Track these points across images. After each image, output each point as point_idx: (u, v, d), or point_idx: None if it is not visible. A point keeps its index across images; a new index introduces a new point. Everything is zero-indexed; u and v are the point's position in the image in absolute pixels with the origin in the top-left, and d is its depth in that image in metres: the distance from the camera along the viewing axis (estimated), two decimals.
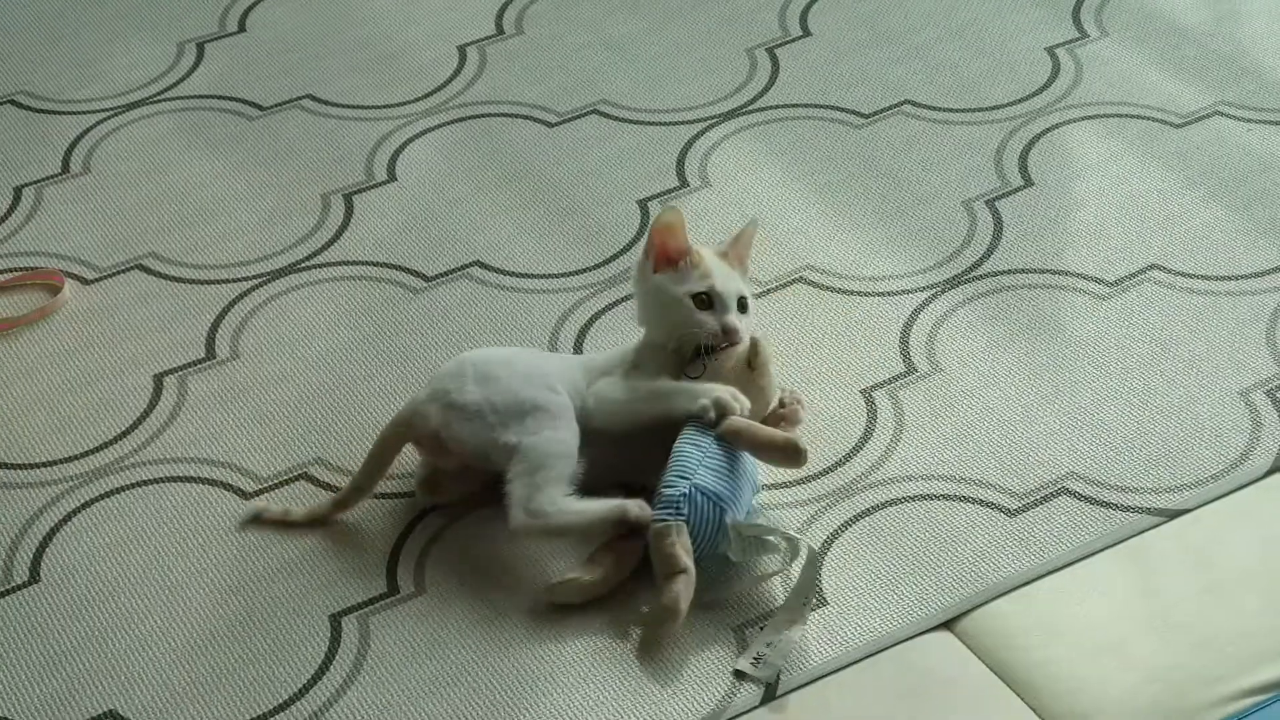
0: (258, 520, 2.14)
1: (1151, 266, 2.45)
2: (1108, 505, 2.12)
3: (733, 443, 2.06)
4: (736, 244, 2.19)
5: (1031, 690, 1.94)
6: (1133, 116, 2.72)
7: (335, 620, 2.04)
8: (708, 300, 2.11)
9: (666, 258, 2.13)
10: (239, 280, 2.50)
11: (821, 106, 2.77)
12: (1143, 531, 2.10)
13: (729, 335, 2.11)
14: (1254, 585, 2.03)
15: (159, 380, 2.36)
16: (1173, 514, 2.12)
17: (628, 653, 1.99)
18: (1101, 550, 2.08)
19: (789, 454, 2.05)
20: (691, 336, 2.11)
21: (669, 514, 2.01)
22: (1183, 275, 2.43)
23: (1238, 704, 1.90)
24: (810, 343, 2.36)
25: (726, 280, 2.13)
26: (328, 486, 2.18)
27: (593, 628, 2.02)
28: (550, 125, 2.77)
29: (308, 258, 2.54)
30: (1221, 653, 1.95)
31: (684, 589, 1.97)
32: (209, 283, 2.50)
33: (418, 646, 2.01)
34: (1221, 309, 2.38)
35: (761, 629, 1.99)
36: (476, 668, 1.98)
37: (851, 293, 2.44)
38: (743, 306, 2.14)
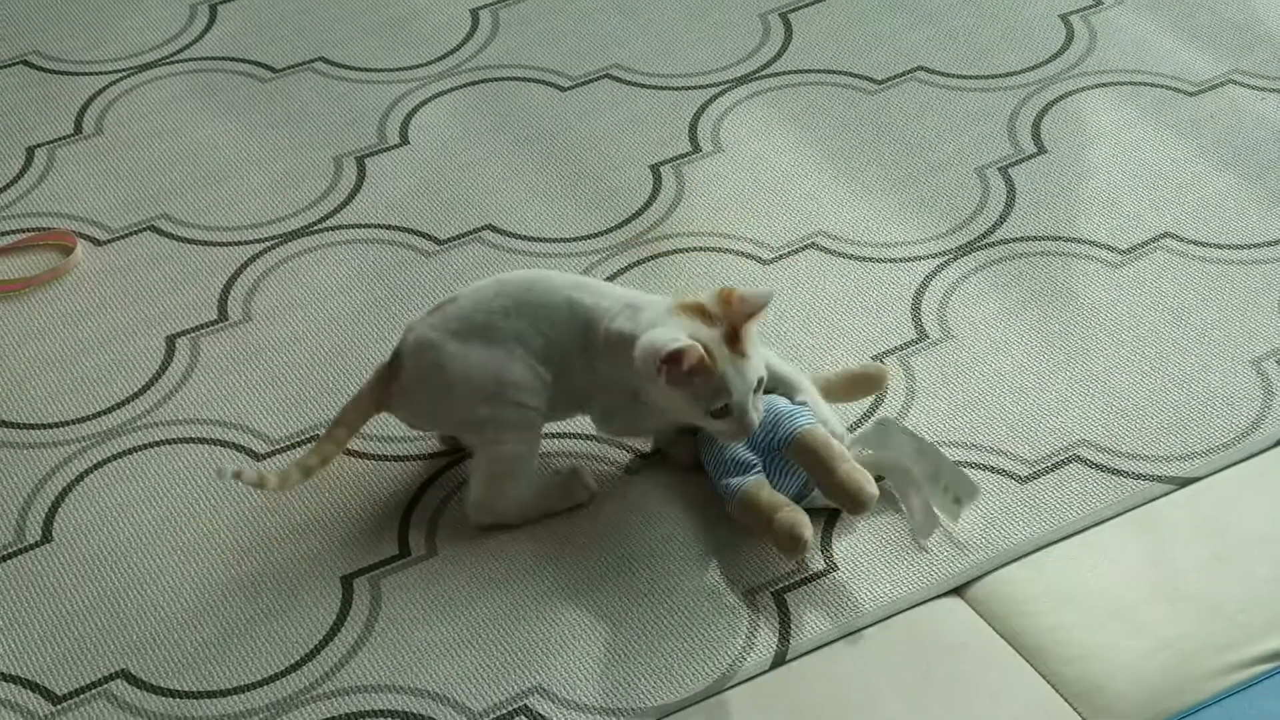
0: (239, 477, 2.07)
1: (1164, 235, 2.45)
2: (1119, 473, 2.13)
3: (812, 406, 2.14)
4: (750, 323, 1.96)
5: (1041, 657, 1.94)
6: (1146, 84, 2.71)
7: (347, 582, 2.05)
8: (726, 410, 1.97)
9: (686, 380, 1.95)
10: (252, 242, 2.50)
11: (835, 72, 2.77)
12: (1153, 499, 2.10)
13: (748, 434, 1.99)
14: (1264, 554, 2.03)
15: (171, 342, 2.36)
16: (1183, 482, 2.12)
17: (639, 617, 1.99)
18: (1112, 518, 2.08)
19: (876, 381, 2.19)
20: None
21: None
22: (1195, 244, 2.43)
23: (1247, 672, 1.90)
24: (822, 309, 2.36)
25: (742, 382, 1.96)
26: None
27: (604, 591, 2.02)
28: (563, 89, 2.76)
29: (320, 220, 2.54)
30: (1231, 621, 1.95)
31: (796, 514, 2.01)
32: (222, 244, 2.50)
33: (429, 608, 2.02)
34: (1233, 277, 2.38)
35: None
36: (487, 630, 1.99)
37: (864, 259, 2.43)
38: (758, 385, 1.99)
